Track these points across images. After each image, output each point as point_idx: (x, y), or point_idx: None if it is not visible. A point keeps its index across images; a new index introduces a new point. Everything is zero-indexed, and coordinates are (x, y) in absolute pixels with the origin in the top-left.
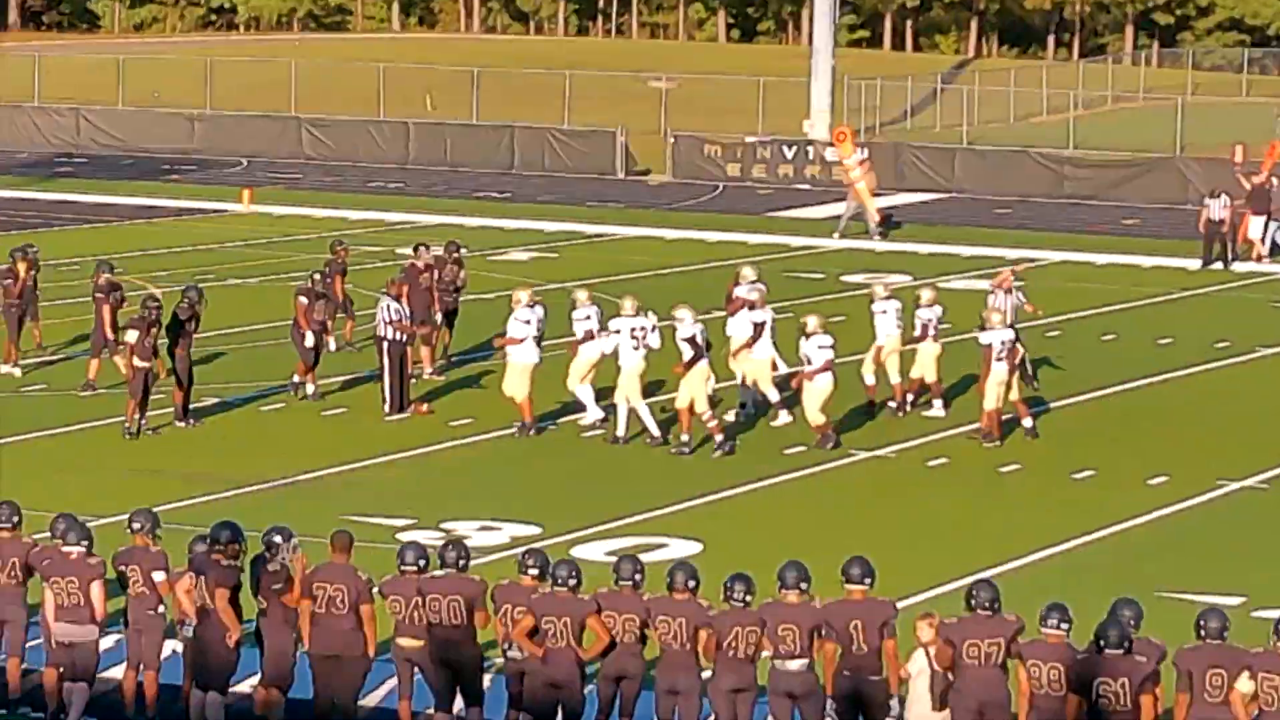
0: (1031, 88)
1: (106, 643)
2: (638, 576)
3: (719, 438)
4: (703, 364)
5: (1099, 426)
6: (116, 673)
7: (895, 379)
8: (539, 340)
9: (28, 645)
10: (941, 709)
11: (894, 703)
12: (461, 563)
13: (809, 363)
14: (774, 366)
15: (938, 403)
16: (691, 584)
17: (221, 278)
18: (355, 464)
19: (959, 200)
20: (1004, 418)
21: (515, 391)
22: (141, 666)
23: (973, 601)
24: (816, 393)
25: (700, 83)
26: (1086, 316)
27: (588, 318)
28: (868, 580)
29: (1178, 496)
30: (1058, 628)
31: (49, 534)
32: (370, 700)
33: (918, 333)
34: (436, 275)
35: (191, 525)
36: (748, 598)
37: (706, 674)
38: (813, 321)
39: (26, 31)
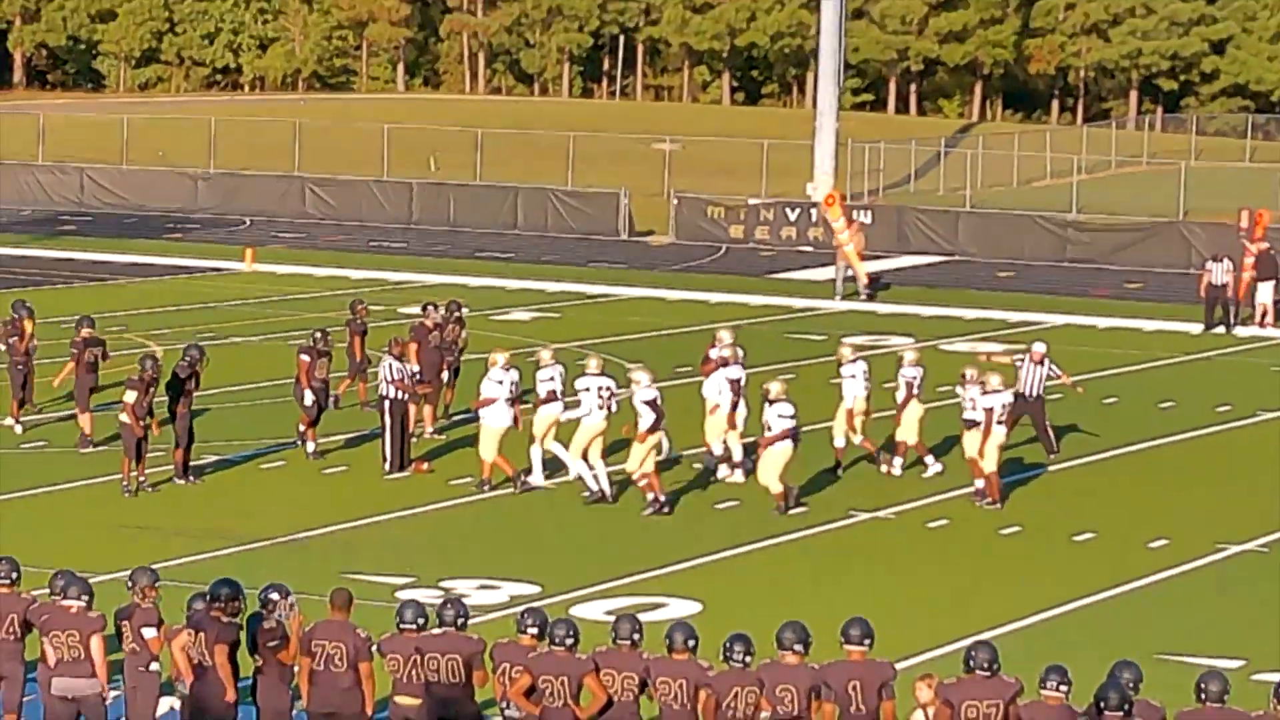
0: (1035, 152)
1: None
2: (636, 635)
3: (653, 495)
4: (658, 430)
5: (1100, 489)
6: None
7: (859, 439)
8: (511, 403)
9: (25, 700)
10: None
11: None
12: (460, 621)
13: (769, 429)
14: (732, 424)
15: (930, 459)
16: (691, 643)
17: (223, 336)
18: (355, 522)
19: (962, 263)
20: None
21: (485, 453)
22: None
23: (971, 662)
24: (773, 459)
25: (704, 145)
26: (1089, 379)
27: (551, 378)
28: (867, 641)
29: (1178, 559)
30: (1057, 689)
31: (48, 590)
32: None
33: (901, 394)
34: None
35: (191, 583)
36: (747, 658)
37: None
38: (775, 388)
39: (31, 90)
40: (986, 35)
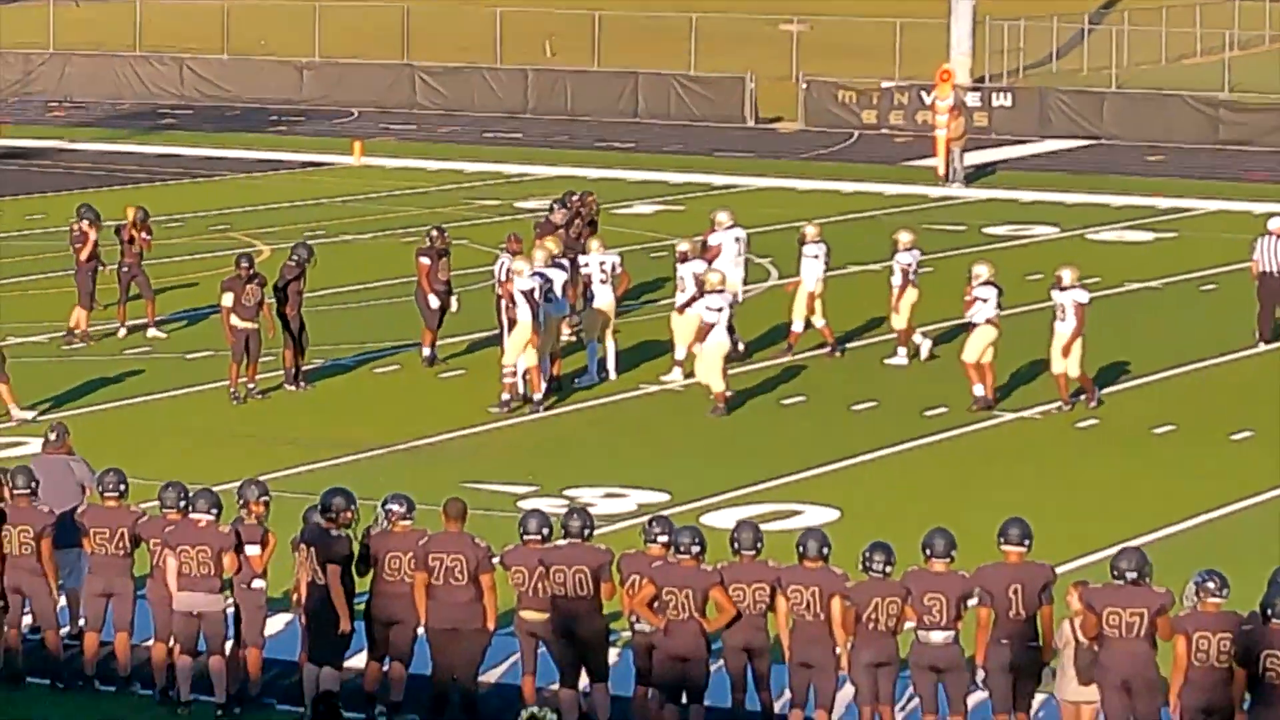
0: (1184, 27)
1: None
2: (759, 544)
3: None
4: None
5: (1257, 385)
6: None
7: (821, 322)
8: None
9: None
10: (1087, 683)
11: (1045, 673)
12: (586, 531)
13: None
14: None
15: (901, 351)
16: (825, 551)
17: (332, 234)
18: (475, 428)
19: (1108, 147)
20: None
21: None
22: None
23: (1115, 571)
24: (711, 355)
25: (834, 25)
26: (1244, 269)
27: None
28: (1026, 542)
29: None
30: (1217, 593)
31: (157, 503)
32: (491, 676)
33: (897, 279)
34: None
35: (304, 493)
36: (888, 569)
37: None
38: (713, 278)
39: None
40: None
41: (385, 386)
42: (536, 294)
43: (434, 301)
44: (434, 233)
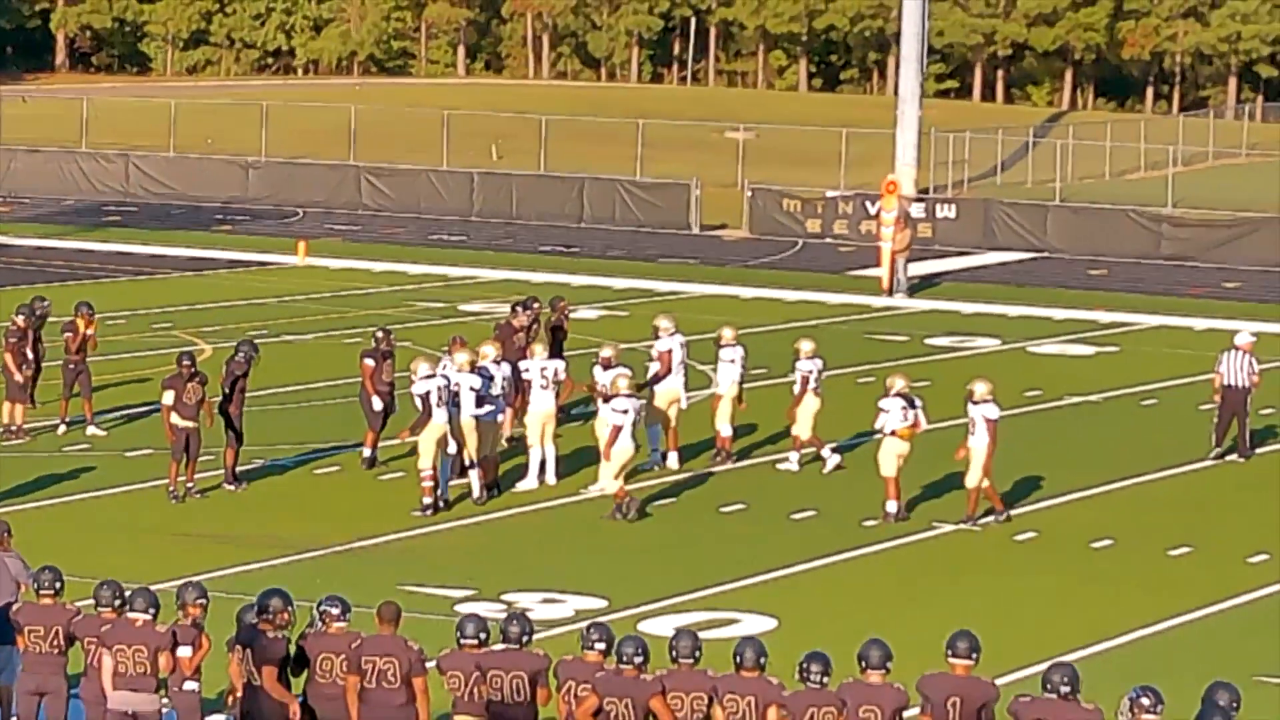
0: (1129, 142)
1: None
2: (697, 652)
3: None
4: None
5: (1197, 500)
6: None
7: (726, 430)
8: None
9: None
10: None
11: None
12: (525, 638)
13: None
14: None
15: (827, 452)
16: (761, 660)
17: (275, 333)
18: (412, 531)
19: (1051, 260)
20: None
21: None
22: None
23: (1048, 684)
24: (613, 457)
25: (780, 133)
26: (1184, 384)
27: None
28: (974, 656)
29: (1279, 575)
30: (1154, 710)
31: (92, 601)
32: None
33: (797, 387)
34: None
35: (241, 594)
36: (824, 679)
37: None
38: (621, 384)
39: (75, 74)
40: (1078, 18)
41: (324, 486)
42: (432, 396)
43: (377, 403)
44: (379, 334)
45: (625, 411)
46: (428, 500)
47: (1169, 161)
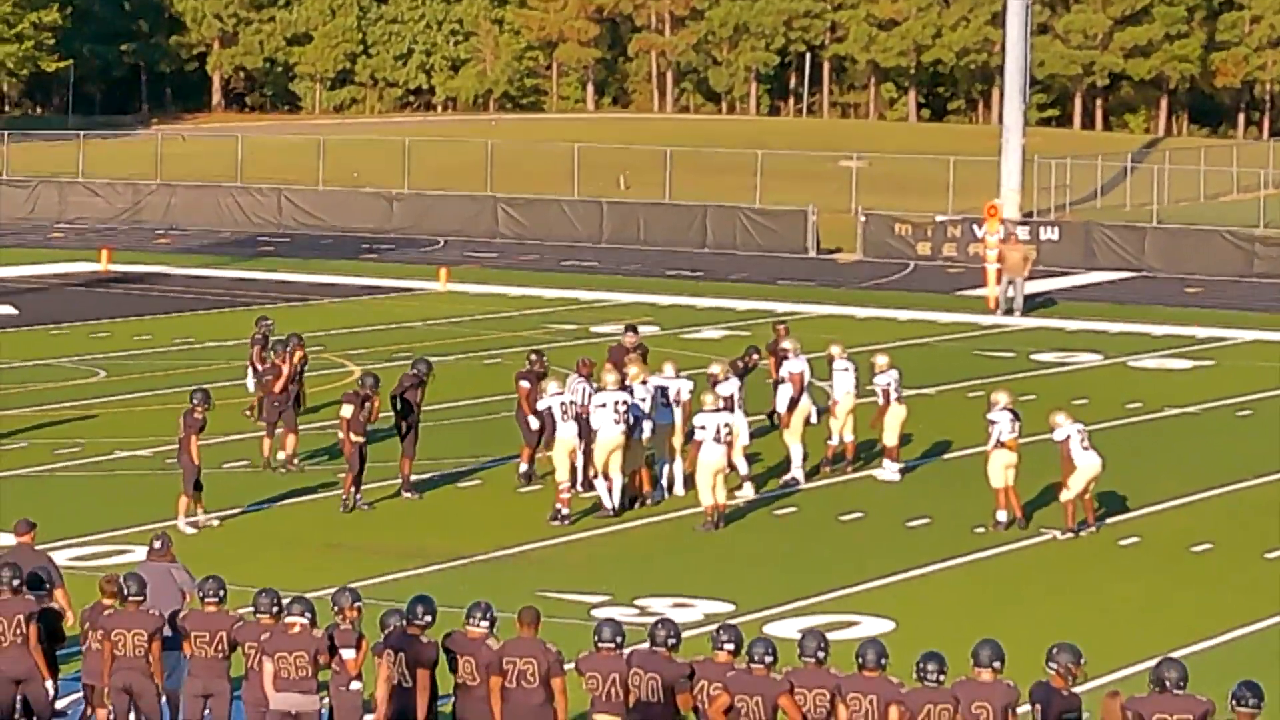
0: (1222, 166)
1: None
2: (821, 652)
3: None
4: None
5: None
6: None
7: (849, 437)
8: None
9: None
10: None
11: None
12: (670, 641)
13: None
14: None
15: (889, 464)
16: (882, 661)
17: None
18: (550, 541)
19: (1149, 279)
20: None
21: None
22: None
23: (1162, 680)
24: (700, 470)
25: (890, 162)
26: (1277, 396)
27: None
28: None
29: None
30: (1254, 705)
31: (252, 608)
32: None
33: (880, 400)
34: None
35: (391, 600)
36: (940, 677)
37: None
38: (706, 399)
39: (230, 113)
40: (1172, 49)
41: (468, 500)
42: (555, 411)
43: (533, 422)
44: (533, 356)
45: (704, 427)
46: (561, 509)
47: (1260, 184)
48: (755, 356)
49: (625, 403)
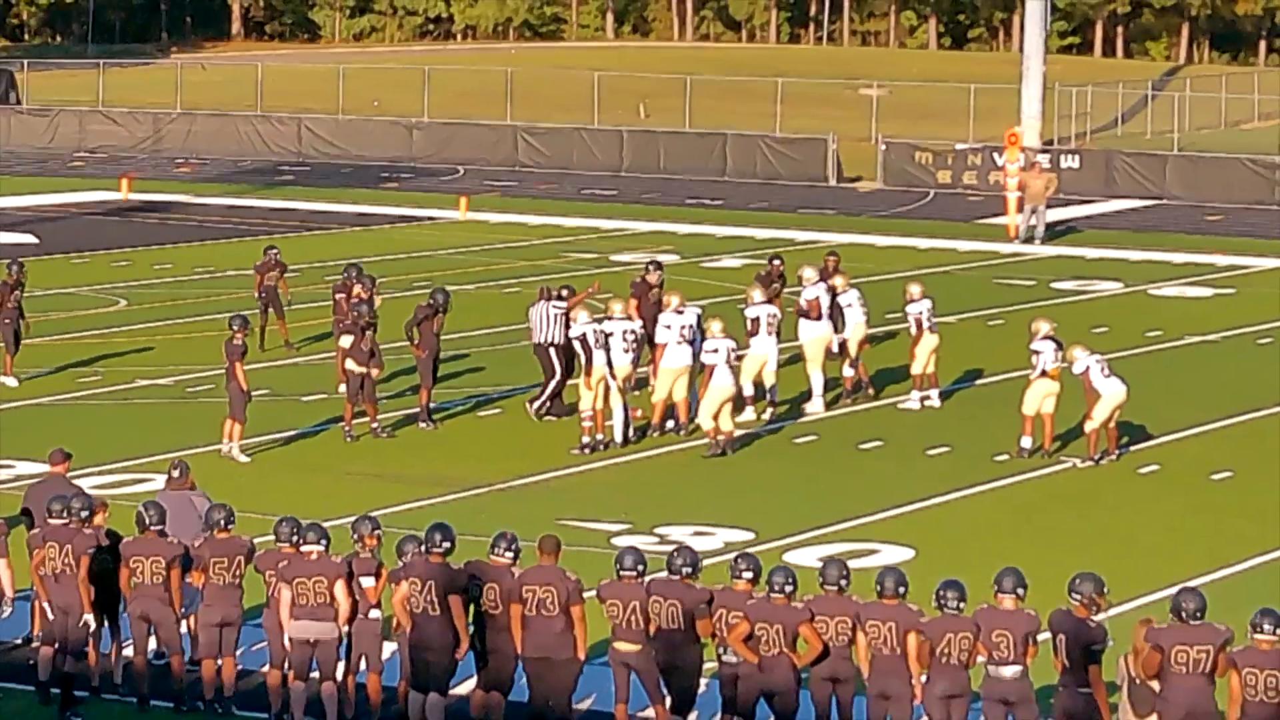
0: (1243, 93)
1: None
2: (844, 581)
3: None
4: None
5: None
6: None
7: (849, 371)
8: (692, 344)
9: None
10: (1142, 717)
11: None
12: (688, 570)
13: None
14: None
15: (934, 393)
16: (901, 589)
17: (439, 284)
18: (570, 469)
19: (1170, 207)
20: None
21: (658, 393)
22: (364, 667)
23: (1181, 610)
24: (709, 395)
25: (911, 89)
26: None
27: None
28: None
29: None
30: (1272, 633)
31: (272, 537)
32: (585, 704)
33: (913, 329)
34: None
35: (409, 529)
36: (960, 605)
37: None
38: (714, 326)
39: (249, 41)
40: None
41: (488, 428)
42: (590, 339)
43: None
44: (564, 290)
45: (716, 351)
46: (585, 440)
47: None
48: (778, 264)
49: (634, 332)
